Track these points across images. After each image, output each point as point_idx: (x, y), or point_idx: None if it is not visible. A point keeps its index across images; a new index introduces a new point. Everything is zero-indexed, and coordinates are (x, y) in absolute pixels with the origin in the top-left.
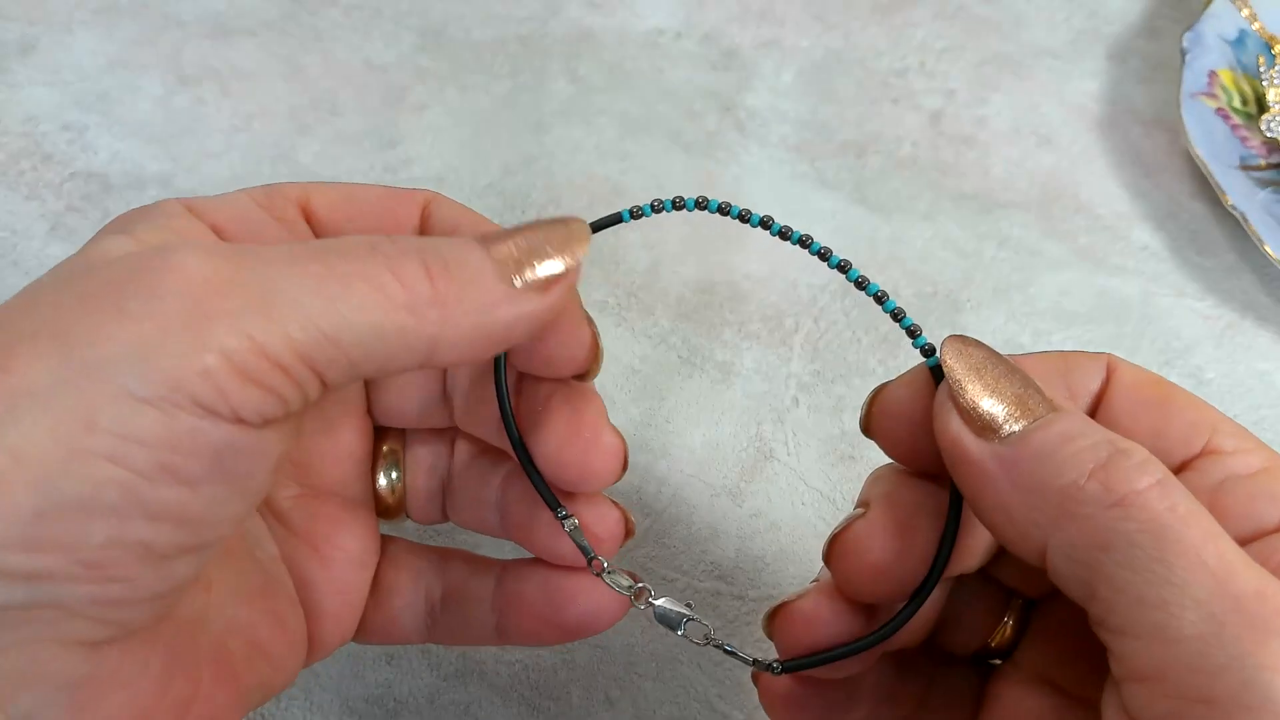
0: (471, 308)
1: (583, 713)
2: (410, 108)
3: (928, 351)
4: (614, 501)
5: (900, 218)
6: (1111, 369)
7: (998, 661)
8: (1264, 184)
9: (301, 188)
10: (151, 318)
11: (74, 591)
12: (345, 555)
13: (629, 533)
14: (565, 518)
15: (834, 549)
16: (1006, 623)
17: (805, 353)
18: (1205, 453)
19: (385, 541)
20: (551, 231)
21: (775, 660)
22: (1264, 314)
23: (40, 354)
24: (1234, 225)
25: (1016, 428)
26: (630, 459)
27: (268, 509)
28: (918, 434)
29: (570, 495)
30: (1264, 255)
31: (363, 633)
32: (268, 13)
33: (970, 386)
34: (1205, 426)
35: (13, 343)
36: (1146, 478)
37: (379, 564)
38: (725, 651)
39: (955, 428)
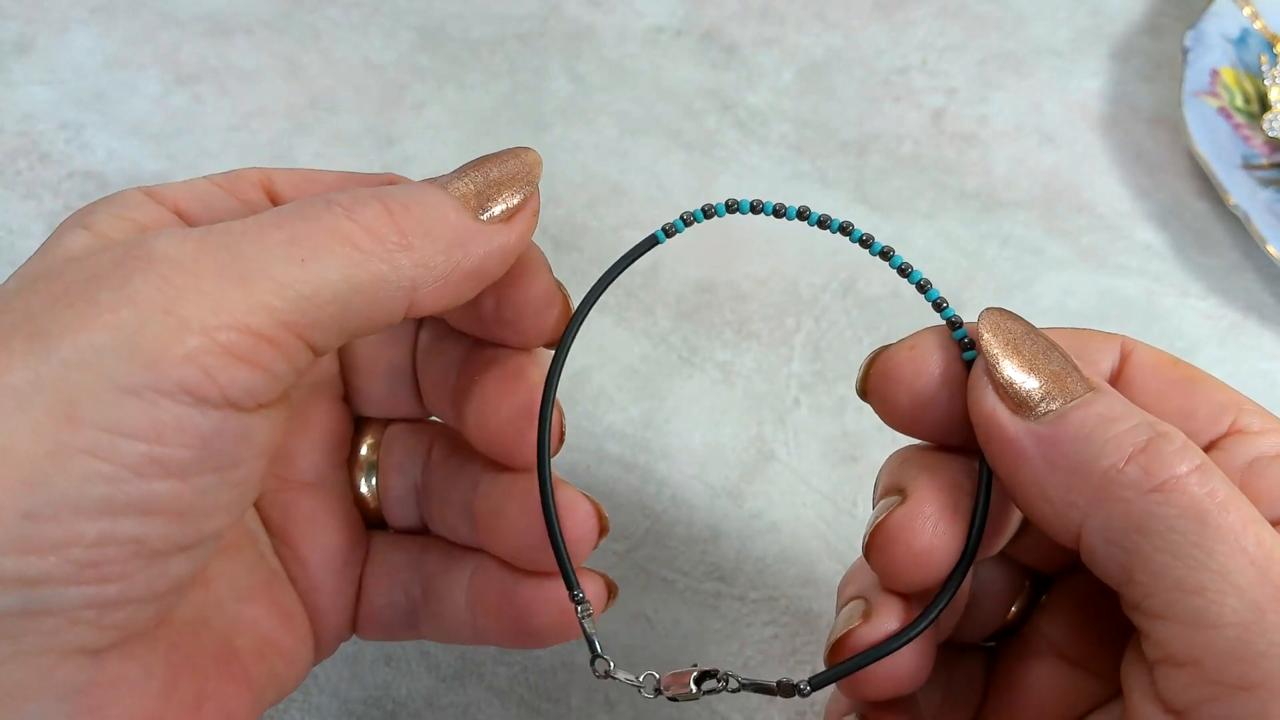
0: (442, 245)
1: (582, 715)
2: (409, 106)
3: (955, 324)
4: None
5: (901, 217)
6: (1127, 350)
7: (993, 644)
8: (1267, 183)
9: (262, 171)
10: (127, 305)
11: (69, 594)
12: (324, 553)
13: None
14: (581, 602)
15: (876, 541)
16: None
17: (806, 353)
18: (1232, 432)
19: (371, 538)
20: (504, 163)
21: (803, 681)
22: (1267, 314)
23: (14, 353)
24: (1237, 225)
25: (1054, 406)
26: (630, 460)
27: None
28: (918, 400)
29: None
30: (1267, 255)
31: (357, 629)
32: (265, 11)
33: (1007, 361)
34: (1231, 407)
35: None
36: (1186, 463)
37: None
38: (754, 689)
39: (991, 403)
